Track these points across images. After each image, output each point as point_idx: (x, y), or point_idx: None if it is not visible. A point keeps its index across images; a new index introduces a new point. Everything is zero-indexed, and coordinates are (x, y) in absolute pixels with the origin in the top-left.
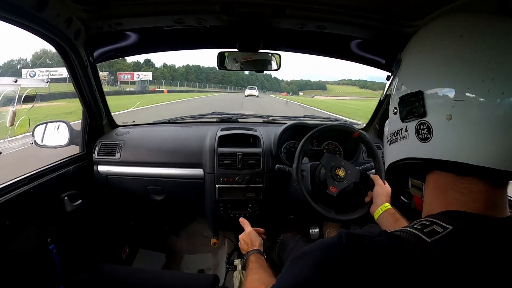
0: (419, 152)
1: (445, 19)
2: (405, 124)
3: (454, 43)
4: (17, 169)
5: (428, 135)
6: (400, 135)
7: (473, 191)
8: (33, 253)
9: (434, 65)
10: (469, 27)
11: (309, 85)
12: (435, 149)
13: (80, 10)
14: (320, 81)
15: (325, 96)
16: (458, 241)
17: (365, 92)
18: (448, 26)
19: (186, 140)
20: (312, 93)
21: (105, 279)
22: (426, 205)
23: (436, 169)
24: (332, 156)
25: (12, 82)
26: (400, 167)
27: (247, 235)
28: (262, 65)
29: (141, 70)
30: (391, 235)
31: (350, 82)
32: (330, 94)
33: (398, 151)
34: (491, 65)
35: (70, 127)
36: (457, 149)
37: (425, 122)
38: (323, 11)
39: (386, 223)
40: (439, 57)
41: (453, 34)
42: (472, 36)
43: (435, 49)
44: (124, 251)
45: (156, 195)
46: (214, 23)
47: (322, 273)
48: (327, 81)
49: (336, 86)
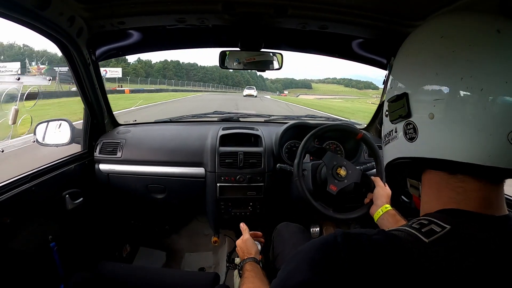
0: (408, 152)
1: (431, 22)
2: (394, 125)
3: (435, 44)
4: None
5: (414, 134)
6: (391, 136)
7: (467, 189)
8: (34, 251)
9: (417, 66)
10: (451, 27)
11: (294, 84)
12: (422, 148)
13: (82, 9)
14: (305, 80)
15: (311, 95)
16: (455, 240)
17: (351, 91)
18: (432, 28)
19: (188, 139)
20: (297, 92)
21: (106, 277)
22: (423, 204)
23: (428, 167)
24: (334, 155)
25: (15, 80)
26: (395, 167)
27: (243, 242)
28: (263, 64)
29: (109, 65)
30: (388, 234)
31: (335, 80)
32: (315, 92)
33: (391, 152)
34: (469, 63)
35: (71, 125)
36: (442, 147)
37: (410, 122)
38: (325, 10)
39: (386, 224)
40: (421, 58)
41: (434, 35)
42: (452, 36)
43: (418, 51)
44: (125, 249)
45: (157, 194)
46: (216, 22)
47: (320, 272)
48: (312, 80)
49: (321, 85)
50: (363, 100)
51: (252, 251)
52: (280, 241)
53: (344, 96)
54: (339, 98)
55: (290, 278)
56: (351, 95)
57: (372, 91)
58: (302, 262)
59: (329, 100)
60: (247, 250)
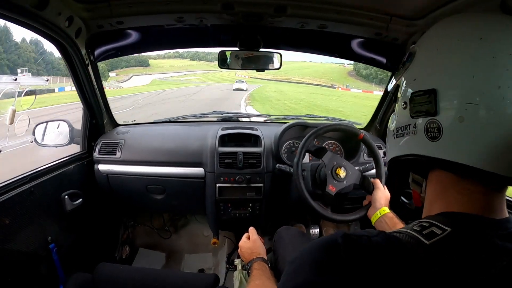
0: (426, 150)
1: (464, 16)
2: (414, 120)
3: (474, 45)
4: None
5: (438, 134)
6: (408, 131)
7: (474, 192)
8: (33, 252)
9: (451, 65)
10: (490, 29)
11: (125, 61)
12: (443, 149)
13: (81, 9)
14: (139, 56)
15: (148, 75)
16: (456, 242)
17: (198, 65)
18: (468, 25)
19: (187, 139)
20: (129, 72)
21: (105, 279)
22: (427, 204)
23: (440, 168)
24: (334, 155)
25: (12, 80)
26: (403, 162)
27: (253, 242)
28: (263, 64)
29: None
30: (389, 236)
31: (177, 54)
32: (155, 71)
33: (404, 146)
34: (509, 73)
35: (70, 126)
36: (464, 151)
37: (435, 121)
38: (324, 10)
39: (384, 227)
40: (456, 57)
41: (473, 35)
42: (492, 39)
43: (453, 48)
44: (124, 251)
45: (156, 195)
46: (215, 22)
47: (322, 273)
48: (149, 55)
49: (161, 61)
50: (217, 74)
51: (261, 251)
52: (281, 244)
53: (195, 71)
54: (190, 74)
55: (293, 279)
56: (202, 69)
57: None
58: (304, 263)
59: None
60: (256, 250)
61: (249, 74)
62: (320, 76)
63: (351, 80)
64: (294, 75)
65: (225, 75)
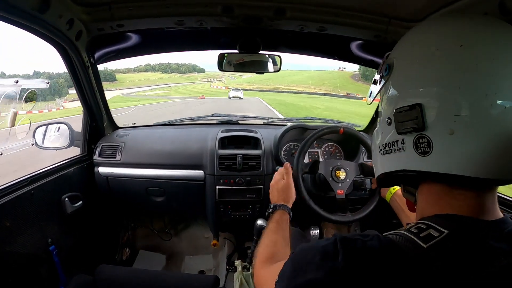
0: (417, 165)
1: (440, 23)
2: (401, 136)
3: (455, 54)
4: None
5: (428, 149)
6: (396, 147)
7: (466, 196)
8: (33, 254)
9: (434, 77)
10: (469, 35)
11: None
12: (435, 163)
13: (81, 11)
14: (105, 70)
15: (113, 91)
16: (453, 246)
17: (172, 78)
18: (445, 32)
19: (187, 142)
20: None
21: (106, 280)
22: (419, 209)
23: (433, 180)
24: (326, 161)
25: (13, 83)
26: (394, 177)
27: (287, 185)
28: (262, 67)
29: None
30: (383, 240)
31: (149, 67)
32: (122, 85)
33: (393, 163)
34: (494, 79)
35: (71, 128)
36: (456, 162)
37: (424, 136)
38: (323, 12)
39: (397, 204)
40: (439, 69)
41: (452, 43)
42: (472, 45)
43: (433, 59)
44: (125, 253)
45: (156, 197)
46: (215, 24)
47: (322, 273)
48: (118, 69)
49: (130, 75)
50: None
51: (289, 200)
52: None
53: (166, 84)
54: (159, 88)
55: (296, 276)
56: (174, 82)
57: (199, 75)
58: (305, 263)
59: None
60: (285, 197)
61: (241, 85)
62: (318, 83)
63: (357, 85)
64: (284, 83)
65: (198, 87)
